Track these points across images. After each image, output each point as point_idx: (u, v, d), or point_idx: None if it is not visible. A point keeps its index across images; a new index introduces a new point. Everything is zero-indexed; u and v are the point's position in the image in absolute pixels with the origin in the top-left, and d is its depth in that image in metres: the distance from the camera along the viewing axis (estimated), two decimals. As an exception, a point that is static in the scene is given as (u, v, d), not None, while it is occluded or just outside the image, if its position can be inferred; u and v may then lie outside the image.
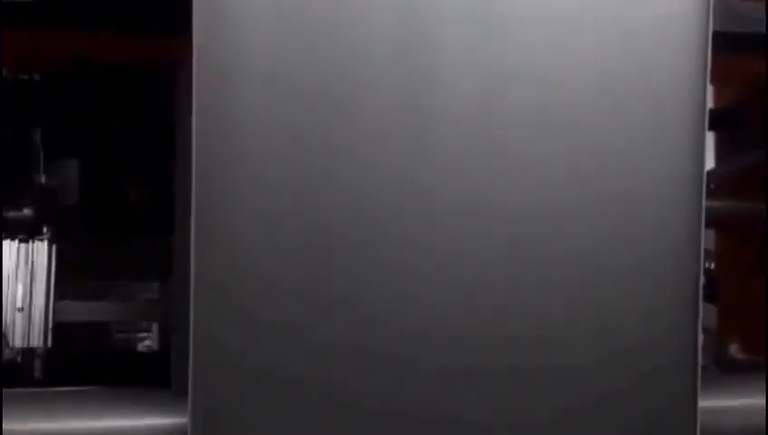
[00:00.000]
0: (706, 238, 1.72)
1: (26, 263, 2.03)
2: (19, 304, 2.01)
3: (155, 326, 2.82)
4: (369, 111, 1.60)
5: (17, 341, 2.01)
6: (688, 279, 1.69)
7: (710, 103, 1.77)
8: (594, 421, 1.69)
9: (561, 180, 1.65)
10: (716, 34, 1.67)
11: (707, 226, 1.72)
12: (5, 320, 1.99)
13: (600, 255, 1.67)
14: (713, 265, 2.52)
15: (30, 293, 2.02)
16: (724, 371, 2.33)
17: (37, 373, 2.06)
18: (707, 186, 1.70)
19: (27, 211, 2.09)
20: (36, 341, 2.02)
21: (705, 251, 1.71)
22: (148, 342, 2.92)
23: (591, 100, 1.66)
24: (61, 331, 2.07)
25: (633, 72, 1.66)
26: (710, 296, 2.34)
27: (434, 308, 1.63)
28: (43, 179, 2.17)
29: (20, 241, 2.03)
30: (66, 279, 2.09)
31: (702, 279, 1.70)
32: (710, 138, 2.24)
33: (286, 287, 1.60)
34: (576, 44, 1.65)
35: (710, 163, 2.32)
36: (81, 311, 2.17)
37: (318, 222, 1.60)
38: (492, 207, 1.64)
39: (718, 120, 2.27)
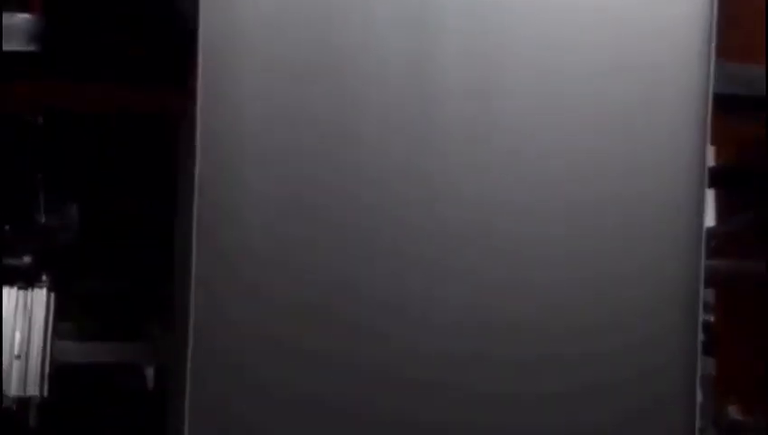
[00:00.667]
0: (706, 294, 1.72)
1: (25, 310, 2.02)
2: (16, 352, 2.00)
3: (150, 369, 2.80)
4: (374, 99, 1.61)
5: (13, 389, 2.00)
6: (689, 281, 1.69)
7: (710, 162, 1.78)
8: (592, 414, 1.68)
9: (564, 176, 1.65)
10: (717, 96, 1.68)
11: (708, 284, 1.71)
12: (2, 368, 1.98)
13: (599, 253, 1.67)
14: (712, 319, 2.52)
15: (28, 340, 2.01)
16: (723, 433, 2.32)
17: (33, 422, 2.05)
18: (708, 244, 1.70)
19: (26, 259, 2.09)
20: (33, 389, 2.01)
21: (705, 303, 1.71)
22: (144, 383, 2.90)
23: (592, 99, 1.67)
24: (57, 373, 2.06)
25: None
26: (709, 349, 2.33)
27: (436, 305, 1.62)
28: (43, 223, 2.17)
29: (19, 288, 2.03)
30: (64, 320, 2.08)
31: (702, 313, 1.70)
32: (710, 196, 2.25)
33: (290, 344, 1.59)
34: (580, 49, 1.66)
35: (710, 222, 2.32)
36: (79, 352, 2.16)
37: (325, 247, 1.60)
38: (495, 200, 1.64)
39: (718, 179, 2.28)
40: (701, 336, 1.71)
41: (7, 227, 2.15)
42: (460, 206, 1.63)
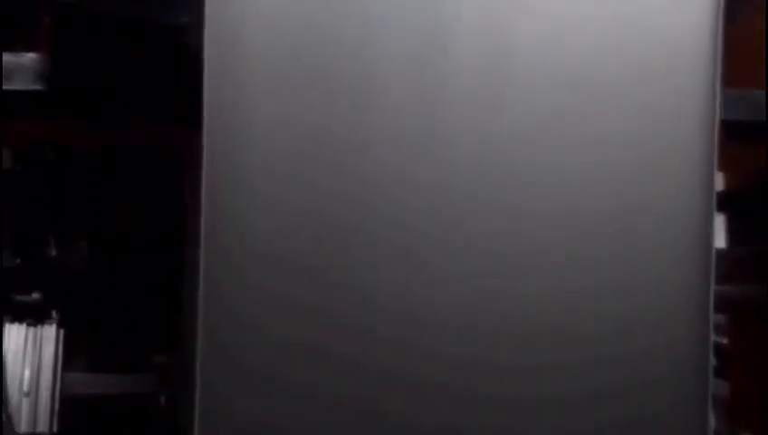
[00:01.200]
0: (718, 318, 1.71)
1: (34, 347, 2.02)
2: (26, 389, 1.99)
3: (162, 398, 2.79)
4: (382, 106, 1.61)
5: (24, 426, 1.99)
6: (698, 292, 1.67)
7: (720, 187, 1.77)
8: (596, 424, 1.66)
9: (573, 185, 1.65)
10: (727, 123, 1.67)
11: (720, 309, 1.71)
12: (11, 404, 1.97)
13: (605, 261, 1.65)
14: (725, 341, 2.51)
15: (37, 377, 2.01)
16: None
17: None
18: (718, 269, 1.69)
19: (36, 295, 2.09)
20: (43, 426, 2.00)
21: (717, 326, 1.70)
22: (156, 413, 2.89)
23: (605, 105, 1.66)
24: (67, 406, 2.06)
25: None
26: (722, 373, 2.32)
27: (441, 309, 1.62)
28: (53, 256, 2.17)
29: (28, 325, 2.02)
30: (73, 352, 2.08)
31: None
32: (720, 221, 2.25)
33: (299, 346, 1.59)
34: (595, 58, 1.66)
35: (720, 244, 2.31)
36: (88, 383, 2.16)
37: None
38: (503, 205, 1.63)
39: (729, 204, 2.27)
40: (713, 361, 1.70)
41: (18, 261, 2.15)
42: (466, 210, 1.63)
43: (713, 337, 1.68)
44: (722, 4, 1.67)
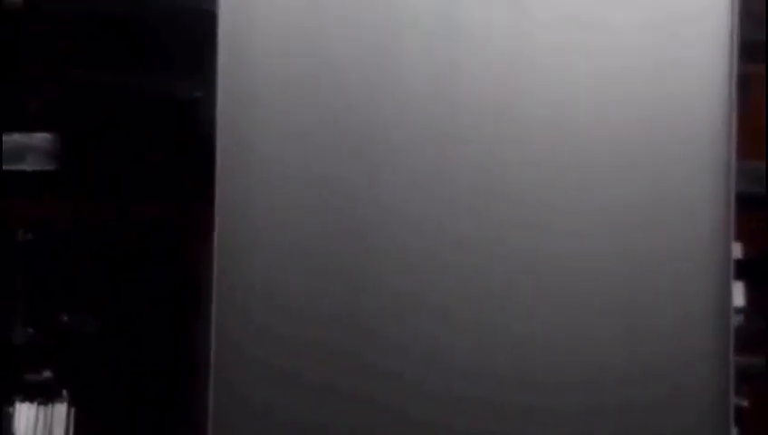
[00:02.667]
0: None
1: (45, 427, 2.00)
2: (36, 469, 1.97)
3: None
4: (396, 134, 1.62)
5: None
6: (718, 302, 1.67)
7: (738, 255, 1.76)
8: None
9: (588, 226, 1.64)
10: (743, 195, 1.66)
11: (740, 380, 1.69)
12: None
13: (618, 304, 1.65)
14: (745, 404, 2.48)
15: (48, 457, 1.99)
16: None
17: None
18: (737, 340, 1.68)
19: (46, 373, 2.07)
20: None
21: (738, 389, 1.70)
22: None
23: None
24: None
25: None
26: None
27: (456, 337, 1.62)
28: (63, 336, 2.16)
29: (38, 404, 2.00)
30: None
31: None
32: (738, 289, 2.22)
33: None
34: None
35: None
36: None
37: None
38: (518, 223, 1.63)
39: (747, 272, 2.25)
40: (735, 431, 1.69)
41: (30, 332, 2.14)
42: (484, 224, 1.63)
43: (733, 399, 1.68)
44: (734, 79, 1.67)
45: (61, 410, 2.00)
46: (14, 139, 1.63)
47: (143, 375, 2.20)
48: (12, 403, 1.98)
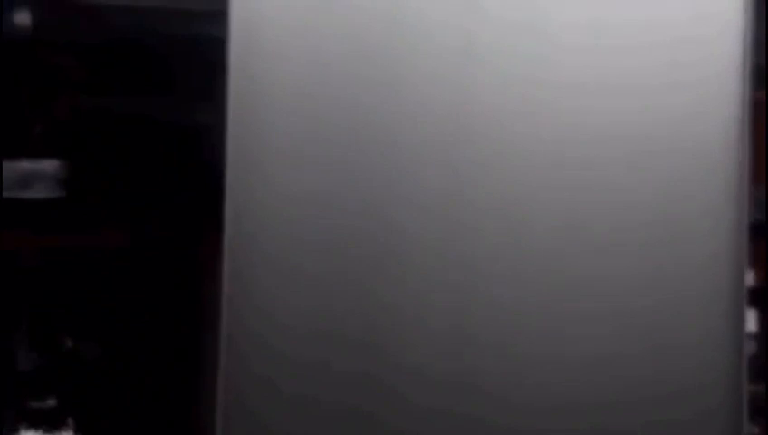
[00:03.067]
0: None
1: (50, 456, 1.99)
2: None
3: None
4: (410, 143, 1.60)
5: None
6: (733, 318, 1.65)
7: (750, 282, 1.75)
8: None
9: (607, 244, 1.63)
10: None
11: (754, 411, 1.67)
12: None
13: (644, 289, 1.64)
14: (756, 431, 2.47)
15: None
16: None
17: None
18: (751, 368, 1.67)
19: (51, 401, 2.06)
20: None
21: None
22: None
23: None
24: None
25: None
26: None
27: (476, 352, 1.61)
28: (68, 362, 2.15)
29: (44, 432, 1.99)
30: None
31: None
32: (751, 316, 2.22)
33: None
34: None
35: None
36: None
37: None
38: (532, 239, 1.62)
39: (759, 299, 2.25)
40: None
41: (35, 357, 2.13)
42: (497, 252, 1.61)
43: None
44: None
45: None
46: (21, 166, 1.62)
47: (148, 403, 2.19)
48: (16, 432, 1.96)
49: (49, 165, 1.64)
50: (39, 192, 1.61)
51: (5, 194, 1.65)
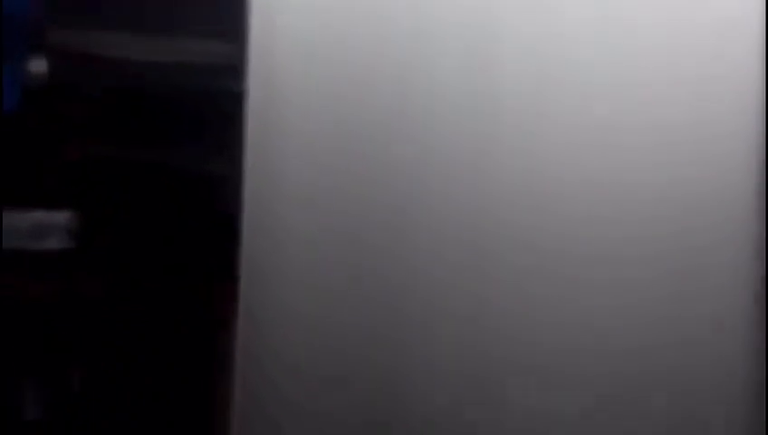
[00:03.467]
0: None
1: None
2: None
3: None
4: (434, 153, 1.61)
5: None
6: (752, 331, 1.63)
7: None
8: None
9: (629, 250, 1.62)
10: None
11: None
12: None
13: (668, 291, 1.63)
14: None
15: None
16: None
17: None
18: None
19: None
20: None
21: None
22: None
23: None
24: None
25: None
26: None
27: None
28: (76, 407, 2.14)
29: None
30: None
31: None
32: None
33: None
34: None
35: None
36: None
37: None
38: (551, 240, 1.61)
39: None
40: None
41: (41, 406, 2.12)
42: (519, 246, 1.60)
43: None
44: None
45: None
46: (36, 216, 1.61)
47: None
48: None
49: (62, 217, 1.64)
50: (53, 244, 1.61)
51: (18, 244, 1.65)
